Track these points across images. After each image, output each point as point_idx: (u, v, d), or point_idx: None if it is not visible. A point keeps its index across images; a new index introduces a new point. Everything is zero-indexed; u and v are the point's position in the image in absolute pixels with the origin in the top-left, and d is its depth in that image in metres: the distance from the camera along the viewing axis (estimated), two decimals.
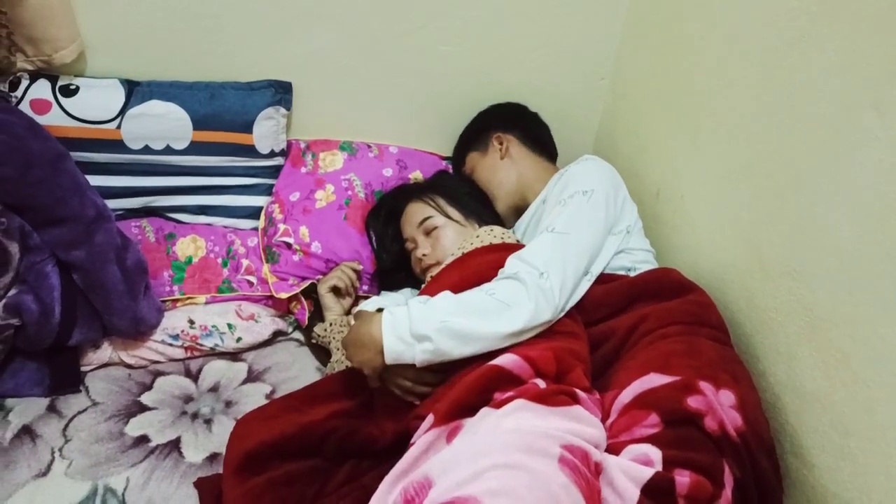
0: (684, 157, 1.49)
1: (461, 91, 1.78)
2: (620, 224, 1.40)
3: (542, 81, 1.79)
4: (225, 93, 1.60)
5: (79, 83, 1.52)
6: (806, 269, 1.11)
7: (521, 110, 1.75)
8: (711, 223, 1.39)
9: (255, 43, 1.62)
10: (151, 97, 1.54)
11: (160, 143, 1.56)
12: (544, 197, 1.51)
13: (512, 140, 1.66)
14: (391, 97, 1.77)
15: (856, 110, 1.01)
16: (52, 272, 1.33)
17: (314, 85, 1.71)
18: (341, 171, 1.70)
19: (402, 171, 1.75)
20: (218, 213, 1.66)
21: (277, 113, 1.65)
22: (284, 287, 1.56)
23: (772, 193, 1.20)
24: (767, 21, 1.20)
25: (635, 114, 1.72)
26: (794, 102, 1.14)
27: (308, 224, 1.61)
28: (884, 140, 0.96)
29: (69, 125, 1.49)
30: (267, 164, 1.68)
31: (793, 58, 1.14)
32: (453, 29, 1.68)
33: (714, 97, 1.37)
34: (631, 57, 1.72)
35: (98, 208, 1.35)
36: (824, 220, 1.07)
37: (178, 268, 1.55)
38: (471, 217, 1.53)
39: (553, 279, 1.21)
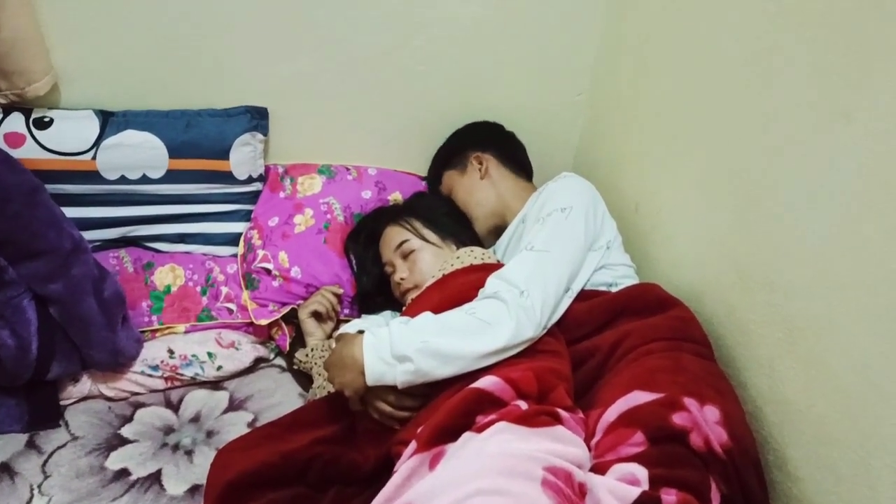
0: (662, 171, 1.49)
1: (439, 110, 1.78)
2: (600, 240, 1.41)
3: (520, 99, 1.80)
4: (201, 120, 1.59)
5: (53, 115, 1.51)
6: (783, 279, 1.11)
7: (497, 130, 1.75)
8: (690, 237, 1.40)
9: (230, 70, 1.62)
10: (127, 127, 1.54)
11: (136, 173, 1.55)
12: (524, 216, 1.51)
13: (490, 160, 1.66)
14: (369, 119, 1.78)
15: (826, 120, 1.02)
16: (28, 306, 1.31)
17: (291, 109, 1.71)
18: (320, 194, 1.69)
19: (382, 192, 1.75)
20: (196, 240, 1.65)
21: (254, 139, 1.65)
22: (265, 314, 1.55)
23: (747, 205, 1.20)
24: (739, 34, 1.21)
25: (613, 129, 1.73)
26: (766, 114, 1.15)
27: (287, 249, 1.60)
28: (854, 149, 0.97)
29: (44, 157, 1.48)
30: (245, 191, 1.68)
31: (764, 69, 1.15)
32: (430, 49, 1.69)
33: (689, 111, 1.38)
34: (607, 73, 1.74)
35: (74, 240, 1.34)
36: (799, 230, 1.08)
37: (157, 297, 1.54)
38: (448, 238, 1.53)
39: (534, 297, 1.21)
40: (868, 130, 0.95)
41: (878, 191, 0.93)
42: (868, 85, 0.94)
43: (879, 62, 0.92)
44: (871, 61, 0.93)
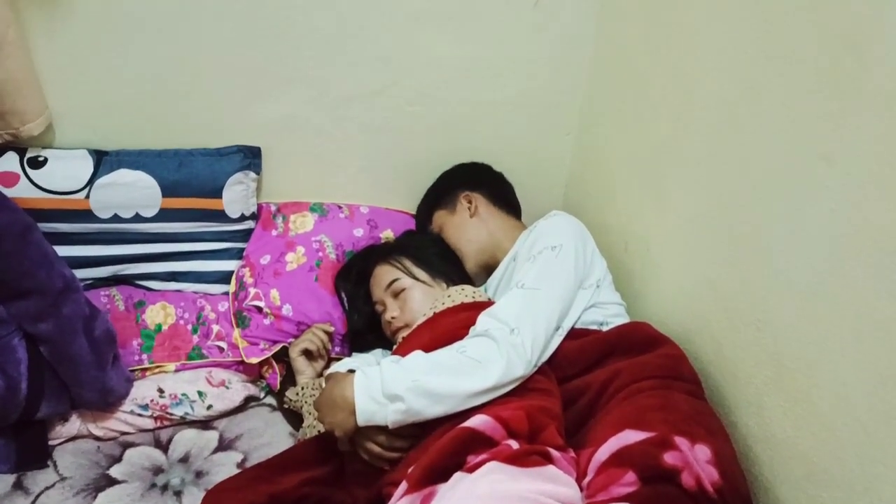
0: (649, 210, 1.51)
1: (430, 150, 1.80)
2: (590, 278, 1.42)
3: (508, 139, 1.82)
4: (194, 159, 1.61)
5: (47, 154, 1.52)
6: (769, 318, 1.13)
7: (486, 170, 1.77)
8: (678, 275, 1.41)
9: (223, 109, 1.64)
10: (120, 166, 1.55)
11: (129, 212, 1.56)
12: (514, 254, 1.52)
13: (480, 199, 1.68)
14: (361, 158, 1.80)
15: (806, 161, 1.04)
16: (18, 345, 1.31)
17: (284, 148, 1.73)
18: (312, 232, 1.71)
19: (373, 230, 1.76)
20: (188, 278, 1.65)
21: (247, 178, 1.66)
22: (255, 352, 1.55)
23: (733, 244, 1.22)
24: (722, 74, 1.24)
25: (601, 168, 1.75)
26: (749, 154, 1.17)
27: (279, 287, 1.61)
28: (834, 189, 0.99)
29: (37, 196, 1.49)
30: (237, 229, 1.69)
31: (746, 110, 1.18)
32: (420, 89, 1.71)
33: (675, 150, 1.41)
34: (594, 112, 1.76)
35: (66, 279, 1.34)
36: (783, 269, 1.09)
37: (148, 336, 1.54)
38: (438, 277, 1.53)
39: (524, 335, 1.22)
40: (848, 173, 0.97)
41: (860, 232, 0.95)
42: (846, 129, 0.96)
43: (856, 107, 0.94)
44: (848, 106, 0.96)
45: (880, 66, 0.90)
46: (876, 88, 0.91)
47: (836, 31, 0.97)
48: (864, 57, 0.93)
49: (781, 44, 1.08)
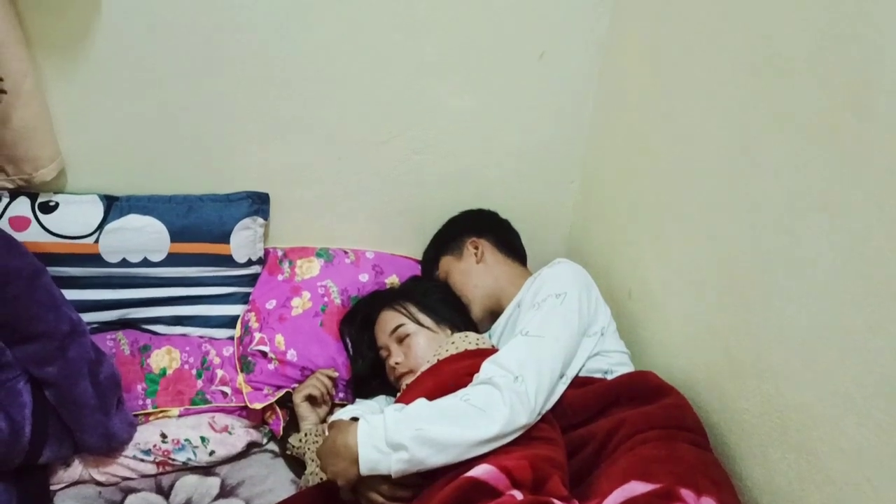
0: (653, 258, 1.52)
1: (435, 196, 1.82)
2: (594, 326, 1.42)
3: (514, 186, 1.85)
4: (203, 205, 1.63)
5: (58, 200, 1.55)
6: (773, 368, 1.13)
7: (492, 216, 1.79)
8: (682, 323, 1.41)
9: (233, 156, 1.67)
10: (130, 211, 1.57)
11: (137, 256, 1.58)
12: (519, 300, 1.53)
13: (486, 245, 1.70)
14: (367, 204, 1.82)
15: (806, 213, 1.05)
16: (23, 389, 1.31)
17: (292, 194, 1.75)
18: (318, 277, 1.72)
19: (379, 276, 1.78)
20: (194, 323, 1.66)
21: (255, 223, 1.68)
22: (259, 397, 1.55)
23: (736, 294, 1.23)
24: (722, 127, 1.26)
25: (604, 216, 1.77)
26: (750, 204, 1.18)
27: (284, 332, 1.61)
28: (835, 241, 1.00)
29: (47, 241, 1.51)
30: (244, 273, 1.70)
31: (746, 161, 1.19)
32: (426, 138, 1.74)
33: (676, 200, 1.42)
34: (597, 161, 1.79)
35: (72, 323, 1.35)
36: (785, 320, 1.10)
37: (152, 380, 1.54)
38: (443, 323, 1.54)
39: (528, 382, 1.22)
40: (847, 224, 0.98)
41: (860, 283, 0.96)
42: (846, 182, 0.98)
43: (856, 160, 0.96)
44: (848, 159, 0.97)
45: (879, 121, 0.92)
46: (875, 142, 0.93)
47: (836, 85, 0.98)
48: (864, 111, 0.94)
49: (782, 97, 1.10)
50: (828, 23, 1.00)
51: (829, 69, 1.00)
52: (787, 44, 1.08)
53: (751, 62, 1.17)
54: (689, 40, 1.36)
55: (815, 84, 1.02)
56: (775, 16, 1.10)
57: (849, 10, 0.96)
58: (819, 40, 1.01)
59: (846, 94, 0.97)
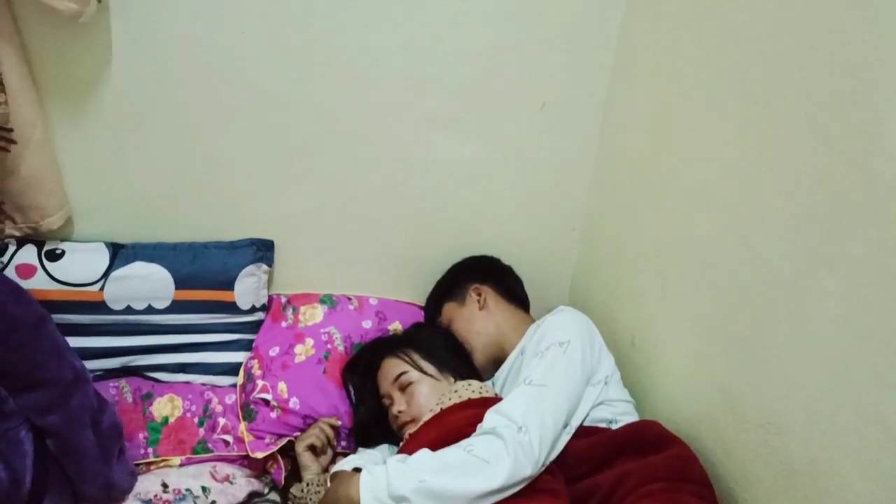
0: (655, 306, 1.53)
1: (439, 244, 1.83)
2: (598, 374, 1.42)
3: (516, 233, 1.86)
4: (207, 252, 1.64)
5: (65, 247, 1.56)
6: (778, 421, 1.12)
7: (495, 263, 1.80)
8: (686, 373, 1.41)
9: (238, 204, 1.69)
10: (135, 259, 1.58)
11: (142, 304, 1.58)
12: (522, 348, 1.53)
13: (489, 291, 1.70)
14: (371, 251, 1.83)
15: (809, 267, 1.06)
16: (25, 438, 1.30)
17: (296, 241, 1.77)
18: (321, 324, 1.72)
19: (382, 322, 1.78)
20: (197, 370, 1.66)
21: (259, 270, 1.69)
22: (261, 446, 1.54)
23: (740, 344, 1.23)
24: (724, 177, 1.27)
25: (607, 263, 1.78)
26: (751, 257, 1.19)
27: (287, 379, 1.61)
28: (838, 297, 1.01)
29: (53, 288, 1.52)
30: (247, 320, 1.70)
31: (747, 213, 1.20)
32: (429, 186, 1.76)
33: (678, 249, 1.43)
34: (599, 208, 1.80)
35: (76, 371, 1.35)
36: (790, 372, 1.10)
37: (154, 429, 1.53)
38: (446, 371, 1.54)
39: (532, 433, 1.22)
40: (849, 279, 0.98)
41: (864, 338, 0.96)
42: (847, 237, 0.98)
43: (856, 216, 0.97)
44: (848, 215, 0.98)
45: (878, 178, 0.93)
46: (874, 199, 0.94)
47: (835, 143, 1.00)
48: (863, 168, 0.95)
49: (782, 153, 1.11)
50: (825, 84, 1.01)
51: (827, 129, 1.01)
52: (786, 104, 1.10)
53: (749, 120, 1.19)
54: (689, 97, 1.38)
55: (814, 144, 1.04)
56: (773, 77, 1.12)
57: (846, 71, 0.98)
58: (817, 101, 1.03)
59: (845, 153, 0.98)
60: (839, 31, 0.99)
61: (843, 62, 0.98)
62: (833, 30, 1.00)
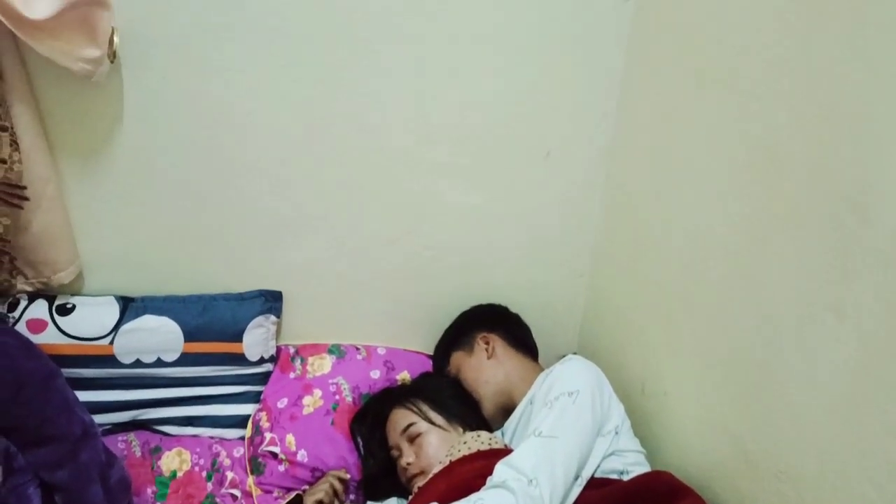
0: (664, 353, 1.52)
1: (446, 292, 1.84)
2: (608, 424, 1.41)
3: (524, 281, 1.86)
4: (217, 304, 1.65)
5: (75, 302, 1.57)
6: (791, 470, 1.11)
7: (503, 311, 1.80)
8: (696, 421, 1.40)
9: (247, 255, 1.70)
10: (145, 312, 1.59)
11: (151, 357, 1.59)
12: (531, 397, 1.52)
13: (497, 340, 1.70)
14: (379, 299, 1.83)
15: (816, 313, 1.06)
16: (33, 494, 1.30)
17: (304, 291, 1.77)
18: (329, 374, 1.72)
19: (390, 372, 1.78)
20: (205, 423, 1.66)
21: (267, 321, 1.70)
22: (269, 500, 1.53)
23: (750, 391, 1.22)
24: (729, 225, 1.27)
25: (615, 309, 1.77)
26: (759, 303, 1.19)
27: (295, 432, 1.60)
28: (845, 342, 1.00)
29: (63, 343, 1.53)
30: (256, 372, 1.70)
31: (754, 261, 1.20)
32: (436, 234, 1.77)
33: (685, 295, 1.43)
34: (606, 255, 1.81)
35: (85, 425, 1.35)
36: (801, 420, 1.09)
37: (162, 483, 1.52)
38: (454, 421, 1.53)
39: (543, 486, 1.20)
40: (857, 326, 0.98)
41: (874, 386, 0.95)
42: (853, 283, 0.98)
43: (860, 263, 0.97)
44: (852, 261, 0.98)
45: (882, 224, 0.93)
46: (878, 245, 0.94)
47: (838, 190, 1.00)
48: (865, 215, 0.96)
49: (785, 199, 1.12)
50: (826, 131, 1.02)
51: (830, 175, 1.02)
52: (788, 150, 1.11)
53: (752, 166, 1.20)
54: (691, 144, 1.40)
55: (817, 189, 1.04)
56: (774, 123, 1.14)
57: (846, 118, 0.99)
58: (819, 148, 1.04)
59: (848, 199, 0.99)
60: (839, 78, 1.00)
61: (844, 109, 0.99)
62: (833, 78, 1.01)
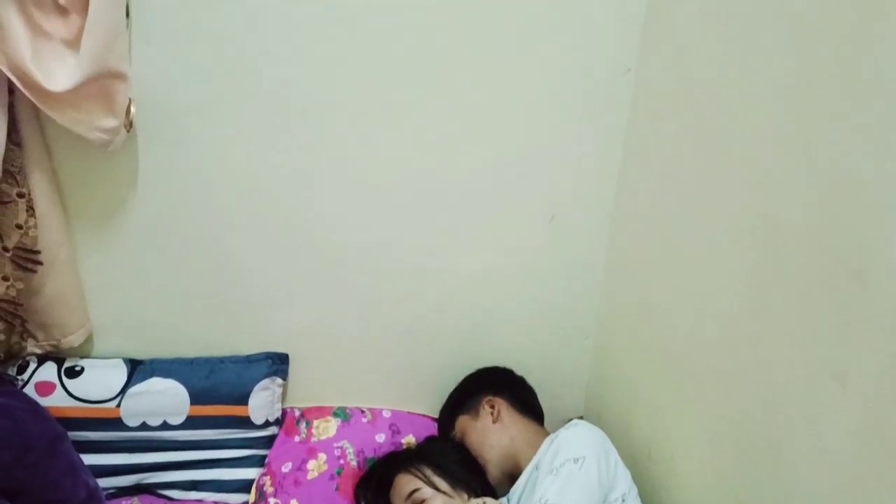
0: (670, 419, 1.51)
1: (452, 354, 1.84)
2: (615, 491, 1.39)
3: (529, 343, 1.86)
4: (224, 367, 1.67)
5: (84, 364, 1.59)
6: None
7: (508, 374, 1.80)
8: (704, 486, 1.38)
9: (254, 317, 1.72)
10: (153, 374, 1.61)
11: (157, 420, 1.59)
12: (537, 462, 1.51)
13: (502, 404, 1.69)
14: (384, 362, 1.84)
15: (820, 381, 1.05)
16: None
17: (310, 353, 1.78)
18: (334, 438, 1.71)
19: (395, 435, 1.77)
20: (209, 487, 1.65)
21: (273, 383, 1.70)
22: None
23: (755, 457, 1.21)
24: (731, 288, 1.28)
25: (621, 372, 1.77)
26: (763, 370, 1.19)
27: (299, 496, 1.59)
28: (849, 410, 1.00)
29: (71, 405, 1.54)
30: (261, 435, 1.70)
31: (756, 327, 1.21)
32: (441, 297, 1.79)
33: (690, 361, 1.43)
34: (612, 317, 1.81)
35: (89, 489, 1.35)
36: (807, 486, 1.07)
37: None
38: (459, 486, 1.52)
39: None
40: (861, 393, 0.98)
41: (879, 454, 0.94)
42: (855, 351, 0.99)
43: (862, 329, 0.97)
44: (854, 328, 0.99)
45: (880, 293, 0.94)
46: (879, 313, 0.94)
47: (838, 258, 1.01)
48: (865, 283, 0.97)
49: (785, 267, 1.13)
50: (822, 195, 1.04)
51: (826, 240, 1.03)
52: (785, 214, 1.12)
53: (751, 230, 1.21)
54: (692, 208, 1.41)
55: (814, 254, 1.05)
56: (772, 188, 1.15)
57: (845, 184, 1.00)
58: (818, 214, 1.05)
59: (845, 264, 1.00)
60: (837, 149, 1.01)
61: (842, 179, 1.01)
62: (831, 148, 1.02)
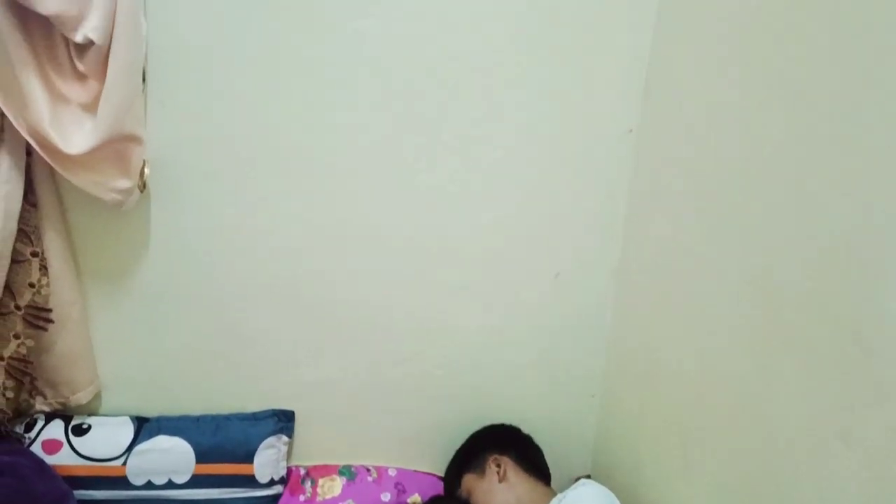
0: (677, 478, 1.49)
1: (457, 412, 1.84)
2: None
3: (535, 401, 1.86)
4: (230, 424, 1.67)
5: (91, 422, 1.60)
6: None
7: (514, 432, 1.79)
8: None
9: (260, 375, 1.73)
10: (159, 432, 1.61)
11: (162, 478, 1.59)
12: None
13: (509, 462, 1.68)
14: (390, 419, 1.83)
15: (824, 440, 1.05)
16: None
17: (316, 411, 1.79)
18: (339, 497, 1.70)
19: (401, 494, 1.75)
20: None
21: (279, 441, 1.70)
22: None
23: None
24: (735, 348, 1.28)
25: (628, 431, 1.76)
26: (768, 430, 1.18)
27: None
28: (854, 470, 0.99)
29: (77, 464, 1.54)
30: (265, 494, 1.69)
31: (761, 387, 1.20)
32: (447, 354, 1.79)
33: (696, 421, 1.42)
34: (618, 374, 1.81)
35: None
36: None
37: None
38: None
39: None
40: (866, 454, 0.98)
41: None
42: (858, 411, 0.99)
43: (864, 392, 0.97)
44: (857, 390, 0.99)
45: (881, 356, 0.95)
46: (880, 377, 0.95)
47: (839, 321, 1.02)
48: (868, 346, 0.97)
49: (787, 329, 1.13)
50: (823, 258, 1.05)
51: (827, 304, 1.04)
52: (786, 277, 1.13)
53: (752, 292, 1.22)
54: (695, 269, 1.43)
55: (816, 317, 1.06)
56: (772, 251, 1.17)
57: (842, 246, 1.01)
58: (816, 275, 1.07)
59: (847, 327, 1.00)
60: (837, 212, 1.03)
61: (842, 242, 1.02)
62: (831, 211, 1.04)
